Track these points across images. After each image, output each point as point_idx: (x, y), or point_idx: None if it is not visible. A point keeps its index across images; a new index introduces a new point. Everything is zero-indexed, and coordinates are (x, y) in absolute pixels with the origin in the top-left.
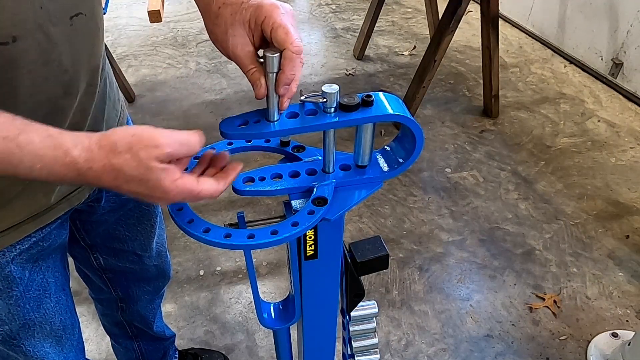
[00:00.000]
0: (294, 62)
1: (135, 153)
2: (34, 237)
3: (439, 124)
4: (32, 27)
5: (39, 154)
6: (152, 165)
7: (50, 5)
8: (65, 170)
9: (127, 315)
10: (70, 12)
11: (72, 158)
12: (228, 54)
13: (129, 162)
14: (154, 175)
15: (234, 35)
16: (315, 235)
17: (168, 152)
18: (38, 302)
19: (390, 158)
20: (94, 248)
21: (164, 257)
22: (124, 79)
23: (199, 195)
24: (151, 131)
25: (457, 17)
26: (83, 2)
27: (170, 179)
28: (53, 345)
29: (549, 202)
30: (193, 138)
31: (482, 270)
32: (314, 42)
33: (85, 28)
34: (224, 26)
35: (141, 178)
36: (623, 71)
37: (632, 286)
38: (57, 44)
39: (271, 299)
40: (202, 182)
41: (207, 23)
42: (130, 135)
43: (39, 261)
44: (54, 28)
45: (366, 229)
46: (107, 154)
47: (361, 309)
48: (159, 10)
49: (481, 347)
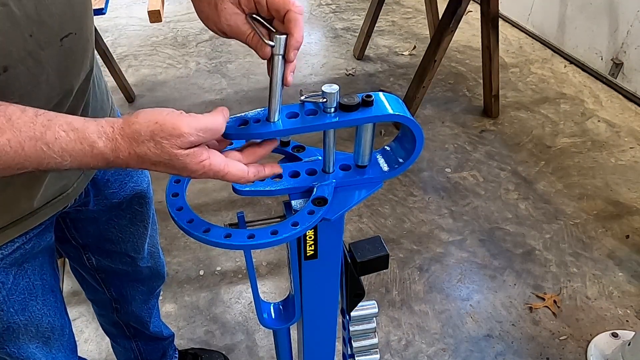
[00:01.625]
0: (300, 24)
1: (159, 142)
2: (17, 241)
3: (439, 124)
4: (22, 55)
5: (67, 149)
6: (176, 152)
7: (39, 32)
8: (95, 161)
9: (123, 316)
10: (59, 34)
11: (99, 150)
12: (221, 27)
13: (153, 150)
14: (179, 161)
15: (224, 8)
16: (315, 235)
17: (191, 141)
18: (23, 305)
19: (390, 158)
20: (86, 248)
21: (157, 259)
22: (124, 79)
23: (225, 177)
24: (174, 119)
25: (457, 17)
26: (72, 22)
27: (197, 161)
28: (40, 347)
29: (549, 202)
30: (217, 121)
31: (482, 270)
32: (314, 42)
33: (76, 46)
34: (213, 2)
35: (167, 163)
36: (623, 71)
37: (632, 286)
38: (46, 66)
39: (271, 299)
40: (230, 165)
41: (196, 3)
42: (153, 123)
43: (24, 264)
44: (43, 52)
45: (366, 229)
46: (130, 142)
47: (361, 309)
48: (159, 10)
49: (481, 347)
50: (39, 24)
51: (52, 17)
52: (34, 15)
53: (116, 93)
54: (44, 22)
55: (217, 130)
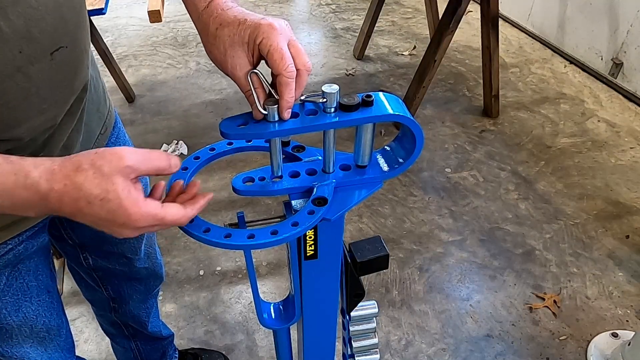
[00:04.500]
0: (290, 87)
1: (99, 168)
2: (9, 244)
3: (439, 124)
4: (11, 71)
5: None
6: (116, 180)
7: (29, 48)
8: (27, 194)
9: (121, 316)
10: (50, 49)
11: (33, 180)
12: (227, 73)
13: (92, 178)
14: (115, 194)
15: (233, 56)
16: (315, 235)
17: (129, 165)
18: (17, 306)
19: (390, 158)
20: (83, 248)
21: (154, 259)
22: (124, 79)
23: (163, 221)
24: (116, 148)
25: (457, 17)
26: (64, 36)
27: (132, 200)
28: (35, 346)
29: (549, 202)
30: (160, 156)
31: (482, 270)
32: (314, 42)
33: (67, 59)
34: (222, 47)
35: (103, 197)
36: (623, 71)
37: (632, 286)
38: (35, 80)
39: (271, 299)
40: (166, 207)
41: (206, 44)
42: (93, 153)
43: (18, 265)
44: (33, 67)
45: (366, 229)
46: (69, 172)
47: (361, 309)
48: (159, 10)
49: (481, 347)
50: (28, 41)
51: (42, 32)
52: (23, 31)
53: (116, 93)
54: (34, 38)
55: (157, 163)
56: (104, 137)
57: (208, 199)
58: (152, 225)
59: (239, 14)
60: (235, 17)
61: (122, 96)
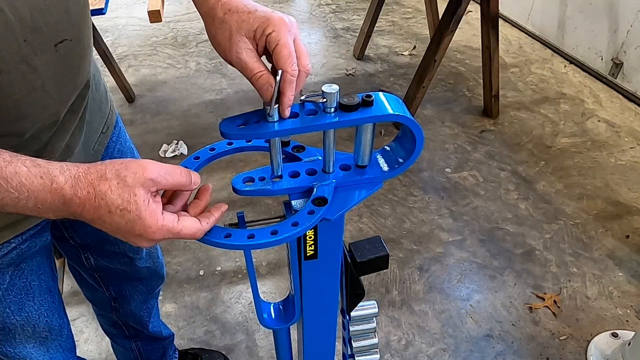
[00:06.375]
0: (293, 85)
1: (123, 178)
2: (13, 242)
3: (439, 124)
4: (16, 60)
5: (26, 184)
6: (137, 192)
7: (33, 38)
8: (51, 197)
9: (122, 316)
10: (54, 40)
11: (58, 184)
12: (230, 58)
13: (115, 188)
14: (135, 206)
15: (239, 41)
16: (315, 235)
17: (152, 178)
18: (19, 305)
19: (390, 158)
20: (85, 248)
21: (156, 259)
22: (124, 79)
23: (179, 235)
24: (141, 160)
25: (457, 17)
26: (69, 29)
27: (151, 212)
28: (37, 347)
29: (549, 202)
30: (183, 172)
31: (482, 270)
32: (314, 42)
33: (71, 53)
34: (228, 32)
35: (124, 207)
36: (623, 71)
37: (632, 286)
38: (41, 72)
39: (271, 299)
40: (182, 221)
41: (210, 27)
42: (119, 163)
43: (21, 264)
44: (38, 58)
45: (366, 229)
46: (93, 180)
47: (361, 309)
48: (159, 10)
49: (481, 347)
50: (33, 30)
51: (47, 24)
52: (28, 21)
53: (116, 93)
54: (38, 28)
55: (179, 178)
56: (106, 137)
57: (222, 211)
58: (167, 238)
59: (249, 3)
60: (245, 6)
61: (122, 96)
